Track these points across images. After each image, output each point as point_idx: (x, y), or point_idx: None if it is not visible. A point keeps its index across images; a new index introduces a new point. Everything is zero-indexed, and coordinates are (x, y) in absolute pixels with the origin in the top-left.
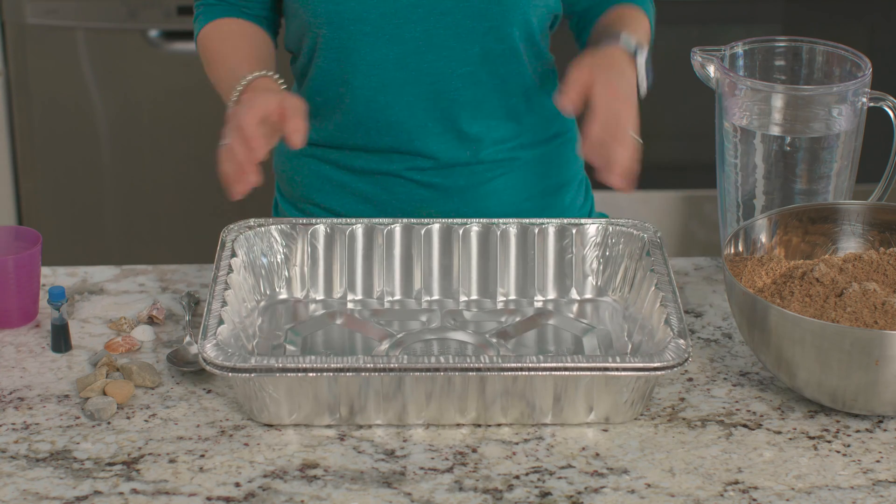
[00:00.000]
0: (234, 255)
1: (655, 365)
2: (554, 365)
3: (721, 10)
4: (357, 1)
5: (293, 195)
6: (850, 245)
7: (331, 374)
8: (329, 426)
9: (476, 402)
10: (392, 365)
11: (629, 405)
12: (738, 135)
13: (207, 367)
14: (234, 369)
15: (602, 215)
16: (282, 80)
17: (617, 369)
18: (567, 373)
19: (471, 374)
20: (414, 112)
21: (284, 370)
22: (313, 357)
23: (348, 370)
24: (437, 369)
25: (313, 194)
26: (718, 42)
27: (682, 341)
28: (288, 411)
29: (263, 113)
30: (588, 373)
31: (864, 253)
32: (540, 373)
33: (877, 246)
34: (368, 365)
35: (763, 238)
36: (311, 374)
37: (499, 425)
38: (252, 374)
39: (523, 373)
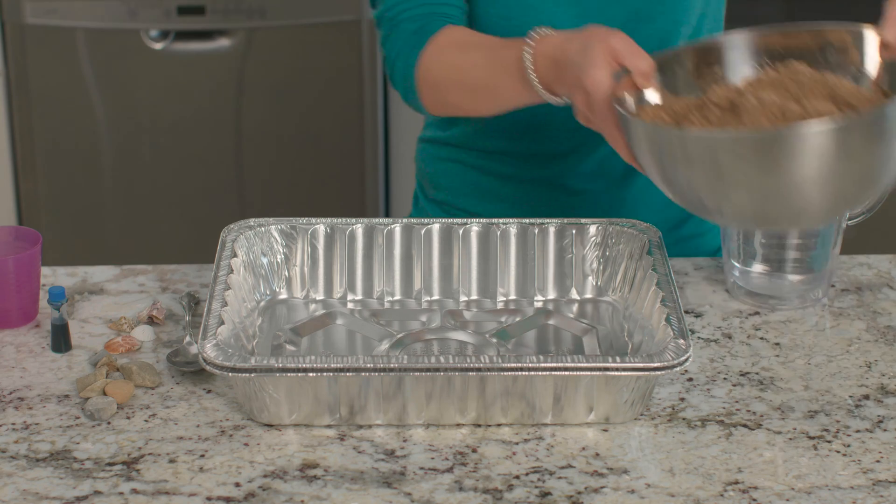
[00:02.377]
0: (234, 255)
1: (655, 365)
2: (554, 365)
3: None
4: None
5: (436, 198)
6: (745, 72)
7: (331, 374)
8: (329, 426)
9: (476, 402)
10: (392, 365)
11: (629, 405)
12: None
13: (207, 367)
14: (234, 369)
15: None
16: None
17: (617, 369)
18: (567, 373)
19: (471, 374)
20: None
21: (284, 370)
22: (313, 357)
23: (348, 370)
24: (437, 369)
25: (458, 199)
26: None
27: (682, 341)
28: (288, 411)
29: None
30: (588, 373)
31: (762, 75)
32: (540, 373)
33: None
34: (368, 365)
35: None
36: (311, 374)
37: (499, 425)
38: (252, 374)
39: (523, 373)
